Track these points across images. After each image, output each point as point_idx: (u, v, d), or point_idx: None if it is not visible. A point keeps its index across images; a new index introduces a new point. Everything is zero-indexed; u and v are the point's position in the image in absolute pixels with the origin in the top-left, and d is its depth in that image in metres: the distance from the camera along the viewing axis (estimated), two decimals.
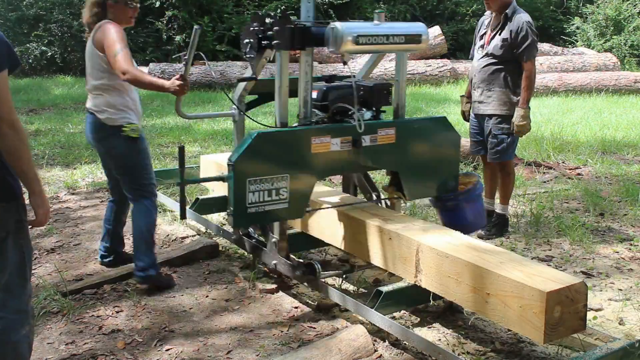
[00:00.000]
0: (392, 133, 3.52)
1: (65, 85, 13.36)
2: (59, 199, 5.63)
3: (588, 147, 7.57)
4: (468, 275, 2.79)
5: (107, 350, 3.06)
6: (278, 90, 3.34)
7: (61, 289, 3.65)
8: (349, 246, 3.58)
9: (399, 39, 3.39)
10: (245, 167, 3.11)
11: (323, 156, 3.32)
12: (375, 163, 3.57)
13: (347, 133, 3.37)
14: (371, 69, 4.06)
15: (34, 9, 15.75)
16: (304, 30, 3.27)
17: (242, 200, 3.13)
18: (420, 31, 3.48)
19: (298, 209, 3.35)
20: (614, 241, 4.58)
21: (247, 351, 3.06)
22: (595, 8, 18.65)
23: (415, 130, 3.65)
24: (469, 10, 19.80)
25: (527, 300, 2.53)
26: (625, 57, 17.39)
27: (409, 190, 3.67)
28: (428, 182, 3.73)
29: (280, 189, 3.22)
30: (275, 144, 3.23)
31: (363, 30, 3.26)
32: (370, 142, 3.45)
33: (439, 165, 3.74)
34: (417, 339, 2.90)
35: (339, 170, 3.90)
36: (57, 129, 8.98)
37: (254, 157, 3.15)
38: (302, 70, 3.34)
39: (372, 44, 3.31)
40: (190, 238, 4.63)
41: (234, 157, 3.10)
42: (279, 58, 3.34)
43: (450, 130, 3.75)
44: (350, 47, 3.21)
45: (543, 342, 2.52)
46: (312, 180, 3.36)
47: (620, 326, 3.31)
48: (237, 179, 3.10)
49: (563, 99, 12.11)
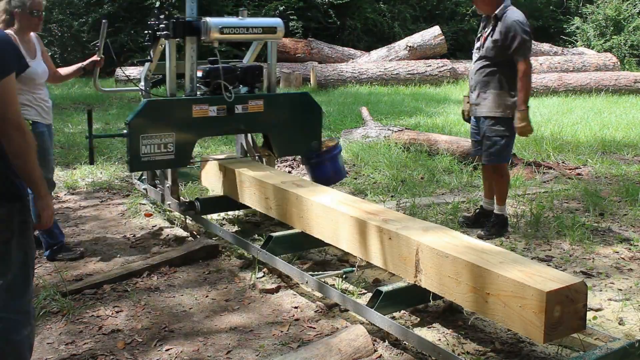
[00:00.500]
0: (261, 104, 4.53)
1: (65, 85, 13.34)
2: (59, 199, 5.63)
3: (588, 147, 7.57)
4: (468, 275, 2.79)
5: (107, 350, 3.06)
6: (168, 70, 4.34)
7: (61, 289, 3.65)
8: (350, 246, 3.58)
9: (257, 30, 4.46)
10: (138, 126, 4.09)
11: (202, 120, 4.32)
12: (247, 127, 4.56)
13: (223, 102, 4.35)
14: (253, 55, 5.00)
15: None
16: (184, 24, 4.24)
17: (137, 151, 4.12)
18: (276, 24, 4.54)
19: (182, 160, 4.38)
20: (614, 241, 4.58)
21: (247, 351, 3.06)
22: (595, 8, 18.67)
23: (281, 102, 4.71)
24: (469, 10, 19.80)
25: (527, 300, 2.53)
26: (625, 57, 17.41)
27: (277, 149, 4.71)
28: (293, 143, 4.75)
29: (167, 143, 4.22)
30: (162, 109, 4.25)
31: (227, 23, 4.33)
32: (242, 110, 4.45)
33: (303, 130, 4.74)
34: (417, 339, 2.90)
35: (216, 132, 5.08)
36: (57, 129, 8.97)
37: (145, 118, 4.14)
38: (188, 54, 4.33)
39: (234, 34, 4.40)
40: (190, 238, 4.63)
41: (129, 118, 4.12)
42: (168, 46, 4.31)
43: (312, 104, 4.76)
44: (218, 36, 4.25)
45: (543, 341, 2.52)
46: (194, 138, 4.44)
47: (620, 326, 3.31)
48: (132, 135, 4.08)
49: (563, 99, 12.12)
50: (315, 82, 13.26)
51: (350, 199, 3.82)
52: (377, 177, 6.27)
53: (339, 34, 17.59)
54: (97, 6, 15.78)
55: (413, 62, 14.49)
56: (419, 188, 5.86)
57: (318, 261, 4.19)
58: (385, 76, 13.81)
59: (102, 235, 4.71)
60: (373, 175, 6.38)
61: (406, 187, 5.89)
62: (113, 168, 6.59)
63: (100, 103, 11.26)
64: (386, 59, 14.86)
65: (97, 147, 5.73)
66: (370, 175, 6.38)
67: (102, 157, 6.94)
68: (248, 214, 5.05)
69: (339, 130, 8.49)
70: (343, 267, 4.00)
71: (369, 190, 5.77)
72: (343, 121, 9.36)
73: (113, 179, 6.24)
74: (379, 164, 6.63)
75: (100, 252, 4.38)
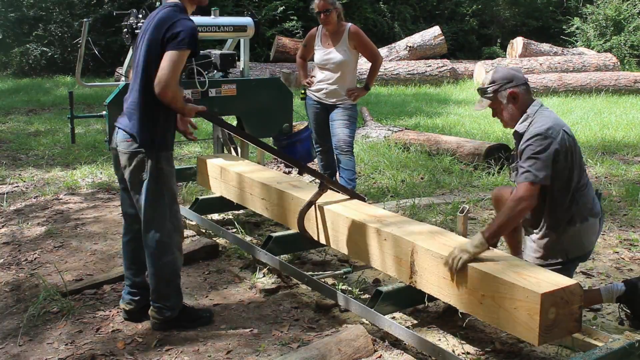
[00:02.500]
0: (234, 88, 4.81)
1: (65, 85, 13.36)
2: (59, 199, 5.63)
3: (588, 147, 7.57)
4: (463, 278, 2.77)
5: (107, 351, 3.05)
6: None
7: (61, 289, 3.65)
8: (347, 249, 3.58)
9: (229, 28, 4.92)
10: (116, 107, 4.13)
11: None
12: (221, 110, 4.72)
13: (197, 86, 4.58)
14: (230, 48, 5.42)
15: (34, 9, 15.76)
16: None
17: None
18: (246, 23, 4.96)
19: None
20: (614, 241, 4.58)
21: (247, 351, 3.06)
22: (595, 8, 18.67)
23: (253, 87, 4.94)
24: (469, 10, 19.82)
25: (522, 302, 2.52)
26: (625, 57, 17.41)
27: (249, 131, 4.81)
28: (265, 125, 5.03)
29: None
30: None
31: (201, 22, 4.59)
32: (216, 94, 4.72)
33: (274, 113, 5.04)
34: (417, 339, 2.90)
35: None
36: (57, 129, 8.99)
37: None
38: None
39: (208, 32, 4.80)
40: (190, 238, 4.63)
41: (108, 100, 4.35)
42: None
43: (283, 89, 5.10)
44: None
45: (538, 343, 2.51)
46: None
47: (620, 326, 3.30)
48: (111, 115, 4.27)
49: (563, 99, 12.12)
50: None
51: (351, 202, 3.82)
52: (377, 177, 6.27)
53: None
54: (97, 6, 15.79)
55: (413, 62, 14.50)
56: (419, 188, 5.86)
57: (318, 261, 4.19)
58: (385, 76, 13.82)
59: (102, 236, 4.71)
60: (373, 175, 6.38)
61: (406, 187, 5.90)
62: (112, 169, 6.58)
63: (100, 102, 11.25)
64: (386, 59, 14.87)
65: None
66: (370, 175, 6.38)
67: (102, 157, 6.94)
68: (248, 214, 5.05)
69: None
70: (343, 267, 4.00)
71: (369, 191, 5.77)
72: None
73: (113, 179, 6.24)
74: (379, 164, 6.63)
75: (100, 252, 4.38)
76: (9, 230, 4.86)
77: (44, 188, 5.97)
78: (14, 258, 4.28)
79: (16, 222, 5.02)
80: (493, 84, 3.21)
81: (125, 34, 4.73)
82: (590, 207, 3.21)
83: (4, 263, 4.20)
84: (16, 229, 4.87)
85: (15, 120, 9.88)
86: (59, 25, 15.70)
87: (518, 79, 3.21)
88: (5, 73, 15.81)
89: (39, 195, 5.73)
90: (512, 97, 3.18)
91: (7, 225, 5.00)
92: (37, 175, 6.53)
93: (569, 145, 3.09)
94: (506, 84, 3.19)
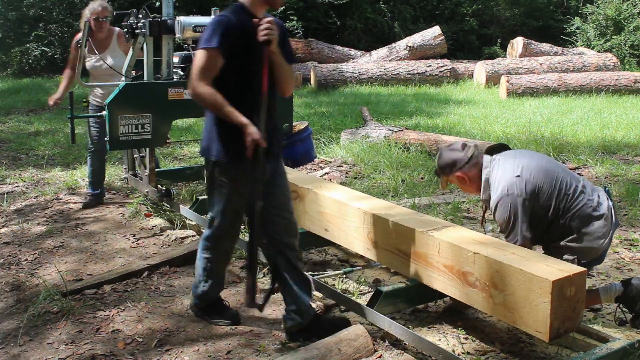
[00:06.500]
0: None
1: None
2: (59, 199, 5.63)
3: (588, 147, 7.56)
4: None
5: (107, 351, 3.05)
6: (146, 62, 4.67)
7: (61, 289, 3.65)
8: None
9: None
10: (116, 107, 4.35)
11: (178, 102, 4.54)
12: None
13: None
14: None
15: (34, 9, 15.75)
16: (160, 23, 4.55)
17: (116, 131, 4.38)
18: None
19: (159, 140, 4.64)
20: (614, 241, 4.58)
21: (247, 351, 3.06)
22: (595, 8, 18.65)
23: None
24: (469, 10, 19.81)
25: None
26: (625, 57, 17.39)
27: None
28: None
29: (144, 124, 4.47)
30: (139, 92, 4.52)
31: (199, 22, 4.53)
32: None
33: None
34: (417, 339, 2.90)
35: (191, 114, 5.17)
36: (57, 129, 9.00)
37: (123, 100, 4.39)
38: (165, 48, 4.67)
39: None
40: (190, 238, 4.63)
41: (108, 100, 4.37)
42: (146, 43, 4.60)
43: None
44: (191, 34, 4.49)
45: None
46: (169, 119, 4.75)
47: (620, 326, 3.30)
48: (111, 115, 4.34)
49: (563, 99, 12.11)
50: (316, 82, 13.26)
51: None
52: (377, 177, 6.27)
53: (339, 34, 17.59)
54: None
55: (413, 62, 14.49)
56: (419, 188, 5.86)
57: (318, 261, 4.19)
58: (385, 76, 13.81)
59: (102, 236, 4.71)
60: (373, 175, 6.38)
61: (406, 187, 5.89)
62: (113, 169, 6.58)
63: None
64: (386, 59, 14.86)
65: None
66: (370, 175, 6.38)
67: None
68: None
69: (339, 130, 8.49)
70: (343, 267, 4.00)
71: (369, 191, 5.77)
72: (343, 121, 9.36)
73: (113, 179, 6.24)
74: (379, 164, 6.63)
75: (100, 252, 4.38)
76: (9, 230, 4.87)
77: (44, 188, 5.97)
78: (14, 258, 4.28)
79: (16, 222, 5.02)
80: (442, 173, 3.33)
81: (125, 34, 4.76)
82: (589, 212, 3.14)
83: (4, 263, 4.20)
84: (16, 228, 4.87)
85: (15, 120, 9.89)
86: (59, 25, 15.70)
87: (460, 160, 3.25)
88: (5, 73, 15.81)
89: (39, 195, 5.73)
90: (462, 178, 3.27)
91: (7, 225, 5.00)
92: (37, 175, 6.53)
93: (534, 182, 3.08)
94: (451, 170, 3.28)
